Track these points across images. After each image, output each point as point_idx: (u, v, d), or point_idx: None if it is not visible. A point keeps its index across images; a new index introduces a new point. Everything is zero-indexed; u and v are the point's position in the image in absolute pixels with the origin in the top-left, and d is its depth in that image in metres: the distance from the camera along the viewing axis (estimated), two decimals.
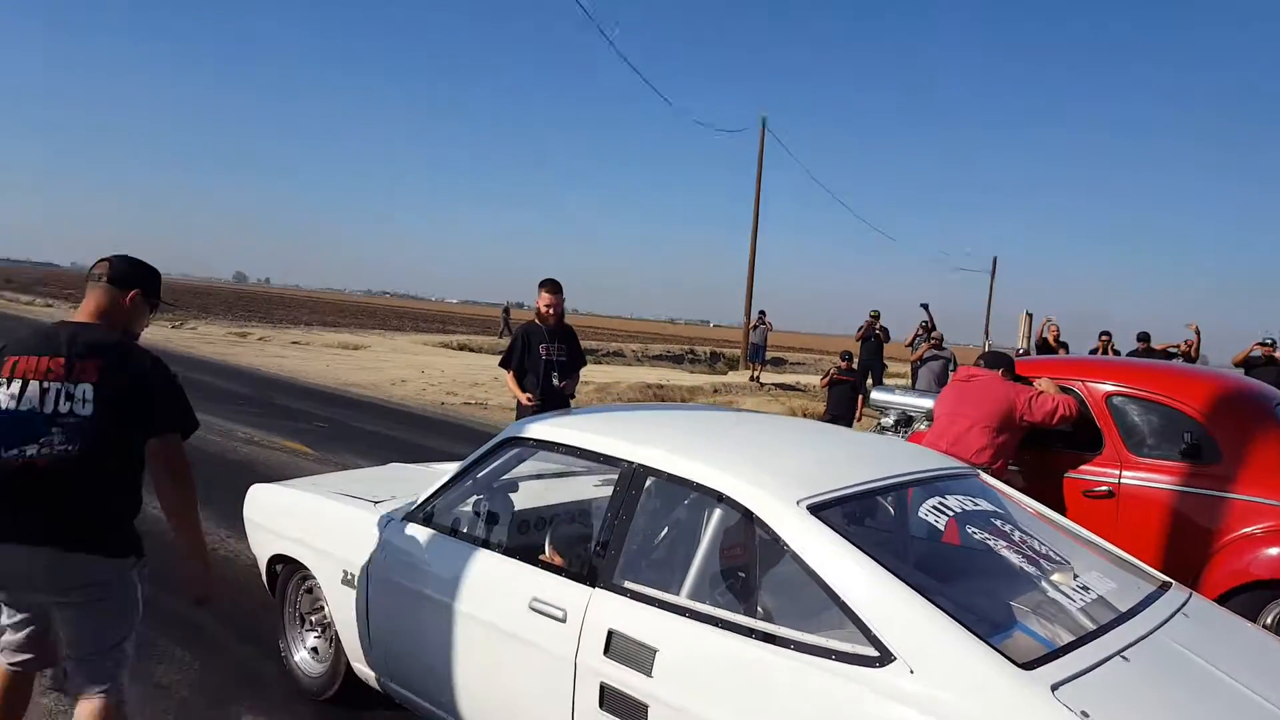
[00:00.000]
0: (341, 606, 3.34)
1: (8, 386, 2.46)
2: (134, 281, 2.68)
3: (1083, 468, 4.51)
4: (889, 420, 6.28)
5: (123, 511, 2.56)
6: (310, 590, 3.66)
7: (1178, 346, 13.05)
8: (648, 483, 2.67)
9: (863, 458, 2.98)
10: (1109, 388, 4.56)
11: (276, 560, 3.75)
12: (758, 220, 26.40)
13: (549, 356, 5.88)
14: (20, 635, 2.61)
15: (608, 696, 2.39)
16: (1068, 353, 13.10)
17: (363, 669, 3.33)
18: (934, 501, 2.75)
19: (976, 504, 2.79)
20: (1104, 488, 4.40)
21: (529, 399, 5.74)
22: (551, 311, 5.95)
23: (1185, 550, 4.10)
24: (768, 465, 2.68)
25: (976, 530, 2.66)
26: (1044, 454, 4.67)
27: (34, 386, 2.45)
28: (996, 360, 4.99)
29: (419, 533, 3.13)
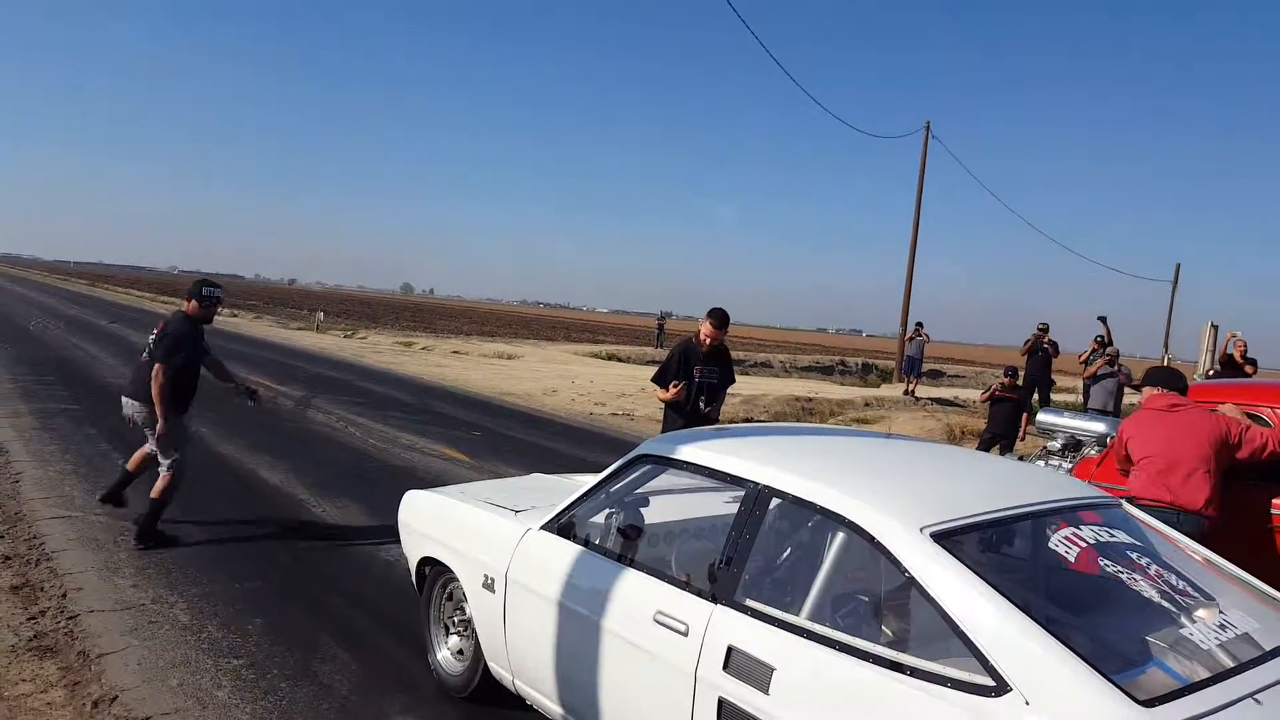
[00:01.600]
0: (480, 608, 3.56)
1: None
2: (192, 294, 5.94)
3: None
4: (1055, 444, 5.97)
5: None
6: (452, 594, 3.91)
7: None
8: (772, 504, 2.73)
9: (995, 485, 2.91)
10: None
11: (425, 562, 4.02)
12: (917, 228, 25.66)
13: (701, 378, 6.01)
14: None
15: (725, 711, 2.46)
16: (1255, 370, 12.04)
17: (498, 670, 3.53)
18: (1068, 532, 2.66)
19: (1114, 535, 2.69)
20: None
21: (675, 392, 5.90)
22: (710, 342, 6.06)
23: None
24: (892, 490, 2.68)
25: (1112, 563, 2.57)
26: (1230, 486, 4.34)
27: (154, 335, 5.82)
28: (1173, 379, 4.61)
29: (553, 542, 3.30)
